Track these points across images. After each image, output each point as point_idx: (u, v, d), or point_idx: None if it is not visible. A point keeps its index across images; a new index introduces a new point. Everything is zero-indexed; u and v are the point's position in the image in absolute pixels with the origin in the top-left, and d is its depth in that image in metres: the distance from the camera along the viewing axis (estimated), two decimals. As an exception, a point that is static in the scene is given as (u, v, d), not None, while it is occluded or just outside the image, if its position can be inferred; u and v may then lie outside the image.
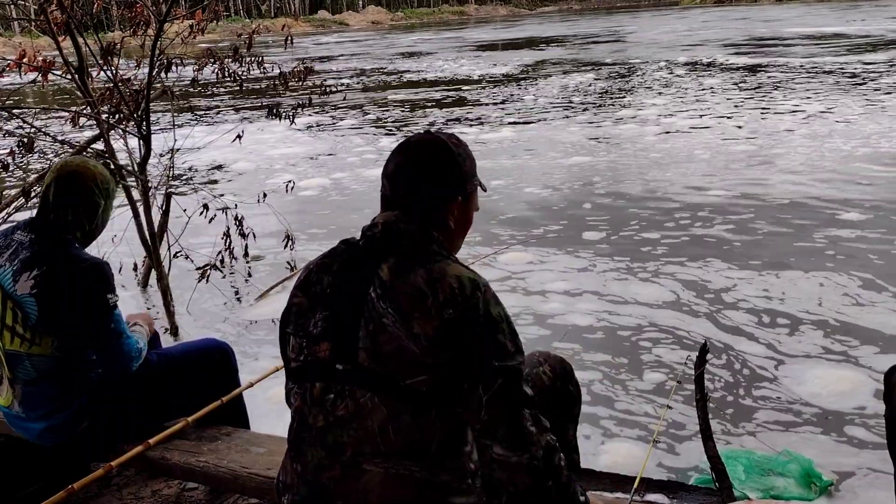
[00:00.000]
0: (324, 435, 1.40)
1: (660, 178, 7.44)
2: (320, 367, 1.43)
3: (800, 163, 7.73)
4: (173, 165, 4.74)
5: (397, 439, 1.36)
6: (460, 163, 1.54)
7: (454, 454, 1.39)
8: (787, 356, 3.67)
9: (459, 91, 15.80)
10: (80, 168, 2.25)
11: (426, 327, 1.35)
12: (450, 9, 75.04)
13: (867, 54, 17.76)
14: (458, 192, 1.54)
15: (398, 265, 1.41)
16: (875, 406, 3.15)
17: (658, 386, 3.45)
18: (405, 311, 1.36)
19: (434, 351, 1.35)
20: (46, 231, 2.19)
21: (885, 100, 11.15)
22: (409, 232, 1.47)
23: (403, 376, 1.36)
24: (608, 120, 11.06)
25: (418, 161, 1.53)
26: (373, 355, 1.37)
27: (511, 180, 7.72)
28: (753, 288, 4.53)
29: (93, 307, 2.15)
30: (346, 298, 1.42)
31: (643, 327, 4.09)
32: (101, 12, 4.80)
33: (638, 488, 2.19)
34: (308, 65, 5.07)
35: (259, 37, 5.13)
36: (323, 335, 1.43)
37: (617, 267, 5.05)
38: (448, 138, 1.56)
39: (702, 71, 16.41)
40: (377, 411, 1.36)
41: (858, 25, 26.99)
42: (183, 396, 2.40)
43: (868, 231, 5.44)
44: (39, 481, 2.43)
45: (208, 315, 4.74)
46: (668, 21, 38.88)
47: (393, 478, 1.36)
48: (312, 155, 9.98)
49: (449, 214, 1.53)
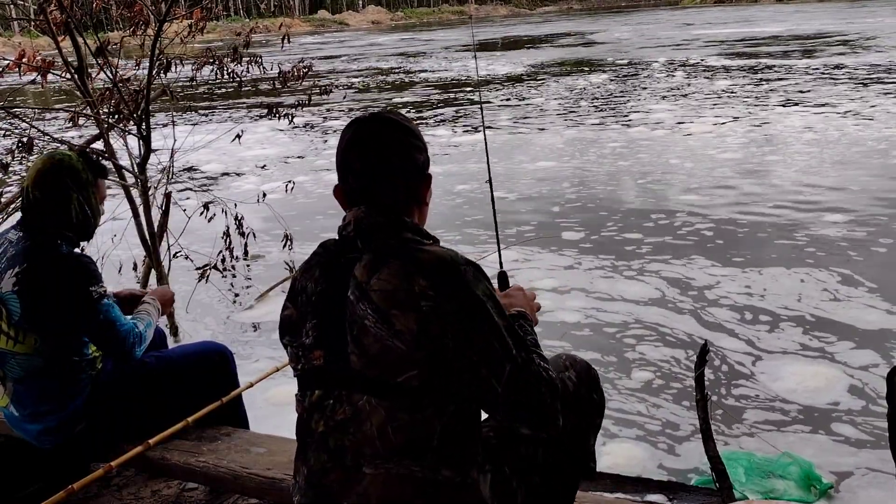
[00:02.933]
0: (325, 439, 1.41)
1: (647, 180, 7.46)
2: (317, 375, 1.43)
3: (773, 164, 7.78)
4: (172, 165, 4.73)
5: (397, 439, 1.35)
6: (418, 144, 1.49)
7: (455, 448, 1.38)
8: (766, 352, 3.71)
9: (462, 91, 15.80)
10: (46, 163, 2.23)
11: (407, 322, 1.32)
12: (450, 8, 75.00)
13: (776, 58, 17.82)
14: (424, 172, 1.50)
15: (372, 263, 1.38)
16: (850, 402, 3.20)
17: (646, 384, 3.46)
18: (383, 309, 1.33)
19: (420, 344, 1.32)
20: (33, 229, 2.19)
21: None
22: (380, 225, 1.42)
23: (394, 375, 1.34)
24: (590, 122, 11.06)
25: (379, 151, 1.46)
26: (362, 358, 1.36)
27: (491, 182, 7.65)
28: (736, 284, 4.60)
29: (76, 302, 2.13)
30: (329, 304, 1.41)
31: (629, 324, 4.13)
32: (100, 12, 4.78)
33: (638, 489, 2.20)
34: (307, 64, 5.07)
35: (258, 35, 5.13)
36: (315, 344, 1.43)
37: (602, 265, 5.11)
38: (398, 119, 1.50)
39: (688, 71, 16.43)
40: (375, 413, 1.36)
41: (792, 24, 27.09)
42: (182, 399, 2.40)
43: (851, 230, 5.50)
44: (39, 481, 2.43)
45: (208, 315, 4.74)
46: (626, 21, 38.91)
47: (394, 478, 1.35)
48: (283, 157, 9.91)
49: (422, 195, 1.50)
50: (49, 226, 2.20)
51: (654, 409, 3.25)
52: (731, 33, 27.03)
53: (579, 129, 10.46)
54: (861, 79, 13.39)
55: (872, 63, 15.44)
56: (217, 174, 9.10)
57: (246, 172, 9.09)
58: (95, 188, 2.28)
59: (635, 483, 2.37)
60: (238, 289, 5.16)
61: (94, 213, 2.29)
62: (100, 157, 4.51)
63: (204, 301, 4.90)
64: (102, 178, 2.33)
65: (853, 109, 10.46)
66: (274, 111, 5.10)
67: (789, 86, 13.19)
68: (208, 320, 4.67)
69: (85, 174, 2.25)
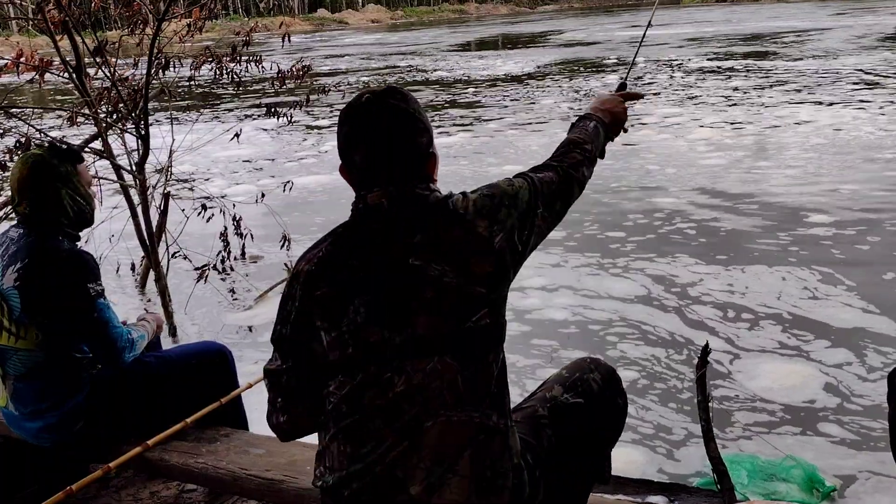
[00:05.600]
0: (383, 412, 1.39)
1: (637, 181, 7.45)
2: (374, 351, 1.40)
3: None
4: (171, 165, 4.72)
5: (465, 388, 1.38)
6: (421, 118, 1.48)
7: (501, 395, 1.43)
8: (744, 350, 3.75)
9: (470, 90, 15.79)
10: (23, 171, 2.22)
11: (484, 266, 1.40)
12: (450, 7, 74.94)
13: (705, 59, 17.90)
14: (430, 145, 1.50)
15: (427, 228, 1.41)
16: (825, 400, 3.23)
17: (632, 383, 3.46)
18: (460, 261, 1.39)
19: (500, 280, 1.42)
20: (32, 225, 2.19)
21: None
22: (413, 198, 1.44)
23: (469, 318, 1.39)
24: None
25: (389, 134, 1.45)
26: (437, 319, 1.38)
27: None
28: (719, 282, 4.65)
29: (74, 297, 2.13)
30: (382, 277, 1.40)
31: (614, 321, 4.18)
32: (99, 11, 4.77)
33: (640, 490, 2.19)
34: (306, 64, 5.05)
35: (258, 33, 5.11)
36: (369, 320, 1.40)
37: (589, 262, 5.15)
38: (398, 96, 1.48)
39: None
40: (447, 370, 1.38)
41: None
42: (181, 399, 2.39)
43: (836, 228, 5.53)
44: (38, 482, 2.42)
45: (207, 316, 4.73)
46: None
47: (454, 425, 1.38)
48: (256, 158, 9.80)
49: (432, 169, 1.51)
50: (48, 223, 2.20)
51: (644, 411, 3.25)
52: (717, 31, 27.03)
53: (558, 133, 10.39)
54: (851, 79, 13.39)
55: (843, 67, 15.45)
56: (187, 174, 8.84)
57: (215, 174, 8.96)
58: (78, 175, 2.27)
59: (637, 484, 2.36)
60: (235, 289, 5.15)
61: (87, 199, 2.29)
62: (100, 156, 4.51)
63: (203, 301, 4.89)
64: (80, 163, 2.32)
65: (843, 110, 10.43)
66: (273, 111, 5.08)
67: (775, 84, 13.21)
68: (207, 321, 4.66)
69: (63, 167, 2.24)
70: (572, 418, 1.61)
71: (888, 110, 10.08)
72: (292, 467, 2.13)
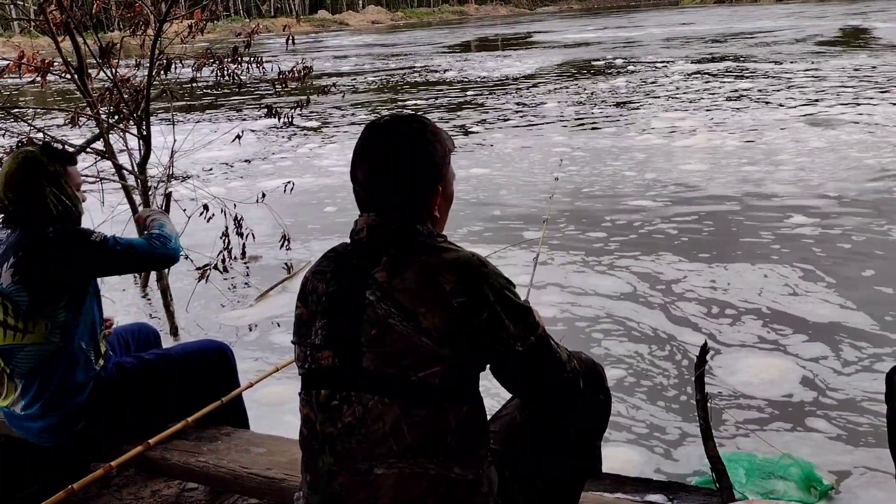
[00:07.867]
0: (332, 442, 1.40)
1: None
2: (324, 375, 1.42)
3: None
4: (172, 165, 4.73)
5: (412, 436, 1.34)
6: (433, 152, 1.45)
7: (468, 446, 1.39)
8: (724, 345, 3.79)
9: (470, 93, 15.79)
10: (12, 165, 2.23)
11: (435, 320, 1.33)
12: (450, 8, 74.98)
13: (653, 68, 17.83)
14: (436, 182, 1.46)
15: (392, 265, 1.38)
16: (803, 394, 3.26)
17: (618, 381, 3.46)
18: (409, 308, 1.34)
19: (448, 340, 1.34)
20: (18, 222, 2.21)
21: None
22: (394, 232, 1.42)
23: (415, 371, 1.34)
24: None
25: (390, 161, 1.43)
26: (380, 357, 1.36)
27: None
28: (702, 279, 4.70)
29: (87, 253, 2.18)
30: (343, 305, 1.41)
31: (601, 318, 4.21)
32: (100, 12, 4.78)
33: (638, 489, 2.20)
34: (307, 65, 5.06)
35: (259, 35, 5.12)
36: (324, 344, 1.42)
37: (574, 260, 5.19)
38: (415, 125, 1.47)
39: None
40: (389, 412, 1.35)
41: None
42: (182, 397, 2.40)
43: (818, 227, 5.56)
44: (39, 482, 2.43)
45: (208, 315, 4.74)
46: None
47: (408, 477, 1.35)
48: (234, 160, 9.74)
49: (431, 206, 1.47)
50: (33, 220, 2.22)
51: (635, 409, 3.26)
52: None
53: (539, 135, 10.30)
54: (840, 80, 13.37)
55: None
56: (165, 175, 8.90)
57: (193, 175, 8.92)
58: (67, 177, 2.28)
59: (635, 483, 2.37)
60: (234, 289, 5.16)
61: (73, 201, 2.29)
62: (101, 157, 4.52)
63: (204, 301, 4.90)
64: (72, 165, 2.33)
65: (834, 110, 10.43)
66: (274, 112, 5.09)
67: (756, 86, 13.19)
68: (208, 320, 4.67)
69: (52, 166, 2.25)
70: (551, 418, 1.60)
71: (876, 111, 10.08)
72: (293, 466, 2.13)
